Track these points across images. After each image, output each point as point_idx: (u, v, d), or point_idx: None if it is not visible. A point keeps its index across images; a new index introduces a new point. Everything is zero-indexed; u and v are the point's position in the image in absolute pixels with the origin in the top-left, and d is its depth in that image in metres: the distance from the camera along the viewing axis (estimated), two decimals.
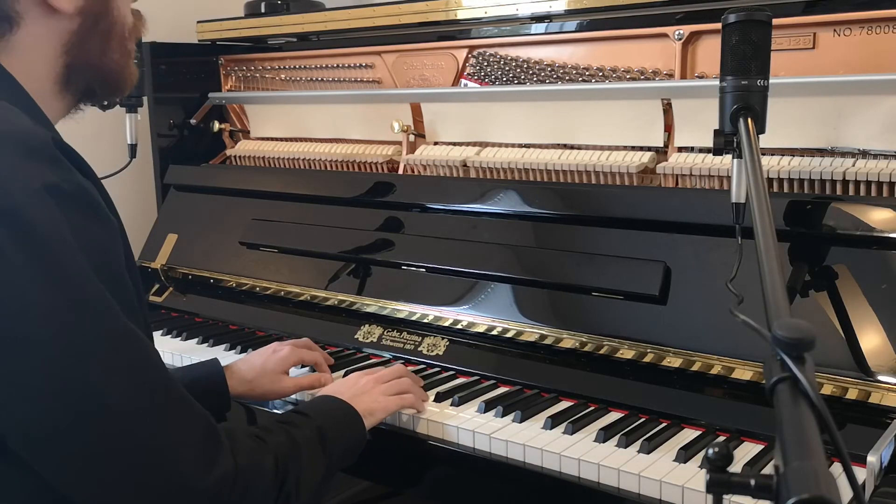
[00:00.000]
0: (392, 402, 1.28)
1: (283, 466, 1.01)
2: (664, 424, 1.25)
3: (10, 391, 0.85)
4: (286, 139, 2.19)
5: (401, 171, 1.91)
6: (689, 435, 1.22)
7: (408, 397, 1.31)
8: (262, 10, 2.30)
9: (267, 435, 1.04)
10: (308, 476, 1.04)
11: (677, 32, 1.57)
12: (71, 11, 0.98)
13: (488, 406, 1.32)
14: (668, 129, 1.58)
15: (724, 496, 0.74)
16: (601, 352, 1.38)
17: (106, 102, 1.90)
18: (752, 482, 0.61)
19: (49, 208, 0.84)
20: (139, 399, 0.89)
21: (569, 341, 1.42)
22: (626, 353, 1.36)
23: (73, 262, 0.85)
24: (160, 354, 0.95)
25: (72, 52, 1.00)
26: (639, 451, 1.16)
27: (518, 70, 1.80)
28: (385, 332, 1.63)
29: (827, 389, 1.17)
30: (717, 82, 1.20)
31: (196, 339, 1.74)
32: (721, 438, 1.21)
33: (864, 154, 1.37)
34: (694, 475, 1.09)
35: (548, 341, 1.44)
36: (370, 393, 1.27)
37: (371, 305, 1.67)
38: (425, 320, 1.59)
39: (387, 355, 1.59)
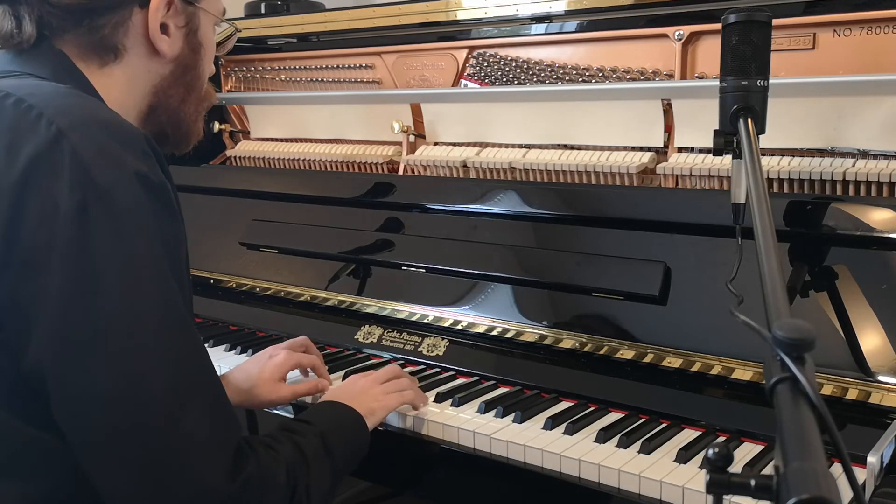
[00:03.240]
0: (392, 400, 1.28)
1: (293, 476, 1.01)
2: (664, 425, 1.25)
3: (67, 359, 0.87)
4: (286, 140, 2.20)
5: (401, 172, 1.91)
6: (689, 435, 1.22)
7: (407, 394, 1.31)
8: (263, 11, 2.30)
9: (276, 444, 1.04)
10: (316, 485, 1.05)
11: (677, 33, 1.57)
12: (169, 57, 1.09)
13: (488, 406, 1.32)
14: (668, 129, 1.58)
15: (724, 496, 0.74)
16: (601, 352, 1.38)
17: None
18: (752, 482, 0.61)
19: (137, 194, 0.90)
20: (184, 393, 0.90)
21: (569, 342, 1.42)
22: (626, 354, 1.36)
23: (153, 250, 0.90)
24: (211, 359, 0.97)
25: (158, 95, 1.11)
26: (639, 452, 1.16)
27: (518, 70, 1.80)
28: (385, 333, 1.63)
29: (827, 390, 1.17)
30: (717, 83, 1.20)
31: None
32: (721, 439, 1.21)
33: (864, 154, 1.37)
34: (694, 475, 1.09)
35: (548, 342, 1.44)
36: (369, 393, 1.27)
37: (371, 306, 1.67)
38: (425, 321, 1.59)
39: (387, 356, 1.59)
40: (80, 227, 0.86)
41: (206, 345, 1.68)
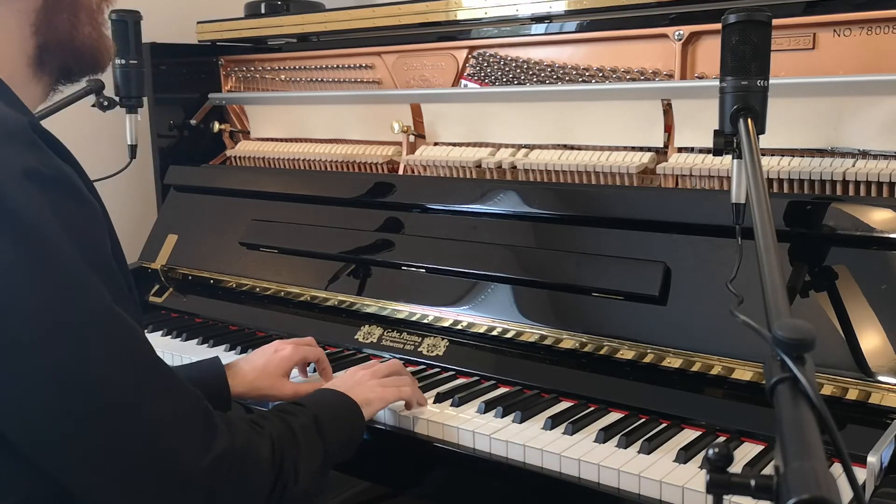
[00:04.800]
0: (389, 393, 1.28)
1: (280, 452, 1.00)
2: (664, 425, 1.25)
3: (4, 373, 0.84)
4: (286, 140, 2.19)
5: (401, 172, 1.91)
6: (689, 435, 1.22)
7: (405, 389, 1.30)
8: (262, 11, 2.30)
9: (263, 422, 1.03)
10: (305, 462, 1.04)
11: (677, 33, 1.57)
12: None
13: (488, 406, 1.32)
14: (668, 129, 1.58)
15: (724, 497, 0.74)
16: (601, 352, 1.38)
17: (103, 102, 1.92)
18: (752, 482, 0.61)
19: (30, 193, 0.83)
20: (131, 382, 0.88)
21: (569, 342, 1.42)
22: (627, 354, 1.36)
23: (59, 247, 0.84)
24: (150, 342, 0.94)
25: (41, 31, 0.98)
26: (639, 452, 1.16)
27: (518, 70, 1.80)
28: (385, 333, 1.63)
29: (827, 390, 1.17)
30: (717, 83, 1.20)
31: (196, 340, 1.74)
32: (721, 439, 1.21)
33: (864, 154, 1.37)
34: (694, 476, 1.09)
35: (548, 342, 1.44)
36: (366, 384, 1.27)
37: (371, 306, 1.67)
38: (425, 321, 1.59)
39: (387, 356, 1.59)
40: None
41: (205, 345, 1.71)
